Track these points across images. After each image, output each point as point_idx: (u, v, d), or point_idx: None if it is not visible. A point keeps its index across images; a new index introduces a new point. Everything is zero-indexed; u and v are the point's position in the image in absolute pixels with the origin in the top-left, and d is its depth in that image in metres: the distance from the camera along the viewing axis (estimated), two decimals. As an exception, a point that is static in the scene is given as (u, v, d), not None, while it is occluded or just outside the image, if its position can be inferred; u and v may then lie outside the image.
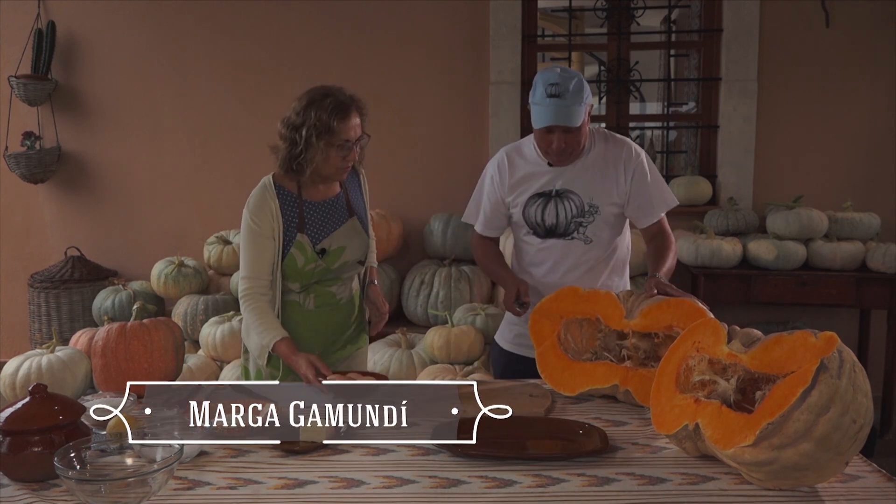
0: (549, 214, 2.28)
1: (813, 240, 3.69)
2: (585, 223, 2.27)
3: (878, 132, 3.97)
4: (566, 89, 2.11)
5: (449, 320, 3.57)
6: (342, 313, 2.30)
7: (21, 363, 3.38)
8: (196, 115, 4.26)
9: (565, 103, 2.11)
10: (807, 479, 1.37)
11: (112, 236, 4.41)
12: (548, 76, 2.16)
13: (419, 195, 4.22)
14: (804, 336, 1.43)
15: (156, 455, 1.44)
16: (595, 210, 2.26)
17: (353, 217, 2.25)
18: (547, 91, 2.13)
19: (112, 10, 4.26)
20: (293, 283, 2.21)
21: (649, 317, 1.92)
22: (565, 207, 2.27)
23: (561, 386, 1.95)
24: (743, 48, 3.96)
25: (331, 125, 2.05)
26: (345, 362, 2.34)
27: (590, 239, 2.28)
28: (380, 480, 1.48)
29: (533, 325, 2.07)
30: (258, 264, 2.14)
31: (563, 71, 2.17)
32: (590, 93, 2.19)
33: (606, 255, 2.32)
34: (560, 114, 2.12)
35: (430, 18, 4.11)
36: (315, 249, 2.16)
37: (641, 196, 2.28)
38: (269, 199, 2.14)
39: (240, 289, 2.16)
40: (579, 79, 2.16)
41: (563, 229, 2.29)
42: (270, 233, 2.14)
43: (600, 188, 2.26)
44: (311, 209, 2.19)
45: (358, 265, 2.30)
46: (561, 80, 2.13)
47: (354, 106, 2.11)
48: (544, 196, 2.29)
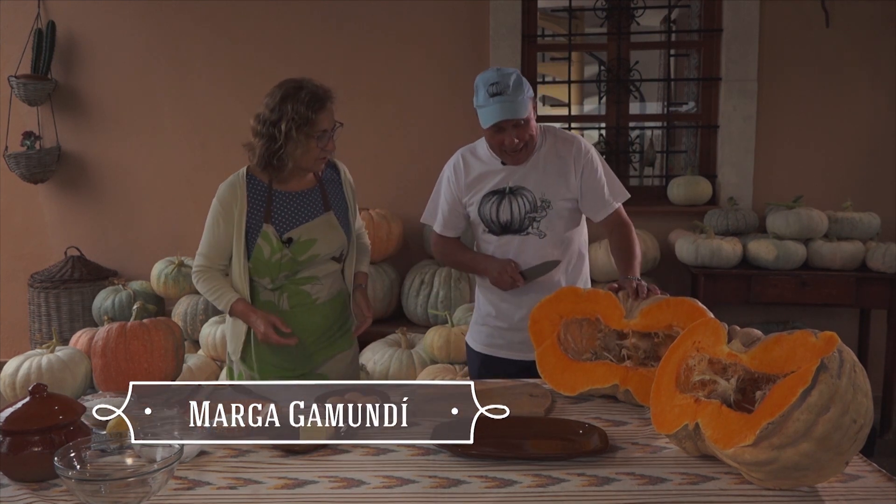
0: (504, 211, 2.33)
1: (813, 240, 3.69)
2: (539, 218, 2.32)
3: (878, 132, 3.97)
4: (507, 86, 2.17)
5: (449, 320, 3.57)
6: (320, 314, 2.30)
7: (21, 363, 3.39)
8: (196, 115, 4.26)
9: (508, 98, 2.17)
10: (807, 479, 1.37)
11: (112, 236, 4.41)
12: (487, 77, 2.21)
13: (419, 195, 4.18)
14: (804, 336, 1.43)
15: (156, 455, 1.44)
16: (547, 205, 2.31)
17: (329, 212, 2.26)
18: (489, 91, 2.18)
19: (112, 10, 4.26)
20: (263, 277, 2.22)
21: (649, 316, 1.92)
22: (518, 204, 2.32)
23: (561, 386, 1.95)
24: (743, 48, 3.96)
25: (309, 116, 2.09)
26: (327, 364, 2.33)
27: (544, 233, 2.33)
28: (380, 480, 1.48)
29: (533, 325, 2.08)
30: (214, 247, 2.22)
31: (500, 70, 2.23)
32: (530, 87, 2.24)
33: (562, 249, 2.36)
34: (505, 109, 2.17)
35: (430, 18, 4.11)
36: (282, 239, 2.17)
37: (592, 190, 2.33)
38: (238, 188, 2.20)
39: (193, 266, 2.25)
40: (517, 74, 2.21)
41: (517, 225, 2.33)
42: (231, 220, 2.18)
43: (552, 183, 2.31)
44: (280, 199, 2.21)
45: (332, 262, 2.29)
46: (500, 77, 2.19)
47: (327, 96, 2.15)
48: (498, 194, 2.34)
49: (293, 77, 2.17)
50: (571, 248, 2.39)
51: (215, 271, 2.24)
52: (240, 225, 2.18)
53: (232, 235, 2.20)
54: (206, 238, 2.24)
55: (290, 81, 2.15)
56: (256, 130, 2.14)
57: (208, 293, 2.22)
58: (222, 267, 2.25)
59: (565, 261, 2.37)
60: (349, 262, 2.37)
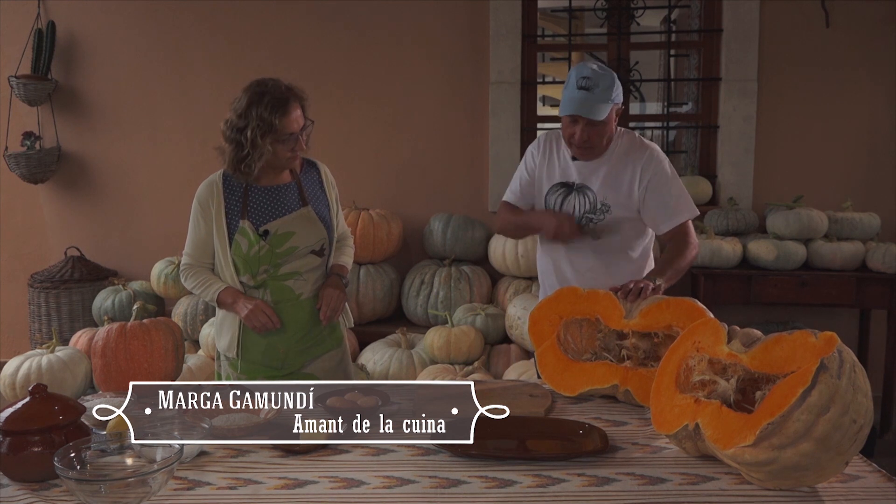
0: (567, 206, 2.33)
1: (813, 240, 3.69)
2: (596, 220, 2.30)
3: (878, 132, 3.97)
4: (596, 84, 2.16)
5: (449, 320, 3.57)
6: (304, 310, 2.29)
7: (21, 363, 3.38)
8: (196, 115, 4.26)
9: (592, 96, 2.16)
10: (807, 479, 1.37)
11: (112, 236, 4.41)
12: (582, 69, 2.20)
13: (419, 195, 4.22)
14: (804, 336, 1.43)
15: (156, 455, 1.44)
16: (606, 209, 2.29)
17: (307, 206, 2.26)
18: (578, 83, 2.18)
19: (112, 10, 4.26)
20: (244, 274, 2.23)
21: (648, 317, 1.92)
22: (580, 201, 2.31)
23: (561, 386, 1.95)
24: (743, 48, 3.96)
25: (273, 123, 2.09)
26: (314, 363, 2.33)
27: (598, 236, 2.31)
28: (380, 480, 1.48)
29: (532, 325, 2.08)
30: (198, 246, 2.26)
31: (599, 69, 2.21)
32: (620, 94, 2.22)
33: (616, 255, 2.32)
34: (584, 105, 2.16)
35: (429, 19, 4.11)
36: (258, 232, 2.18)
37: (655, 202, 2.27)
38: (215, 186, 2.24)
39: (181, 266, 2.30)
40: (612, 78, 2.20)
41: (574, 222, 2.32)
42: (210, 218, 2.22)
43: (614, 189, 2.28)
44: (256, 193, 2.23)
45: (314, 256, 2.28)
46: (593, 74, 2.18)
47: (293, 97, 2.14)
48: (565, 187, 2.34)
49: (261, 78, 2.16)
50: (627, 257, 2.34)
51: (201, 267, 2.28)
52: (219, 222, 2.21)
53: (212, 233, 2.22)
54: (189, 238, 2.28)
55: (255, 85, 2.14)
56: (225, 135, 2.16)
57: (196, 287, 2.26)
58: (208, 265, 2.28)
59: (618, 269, 2.31)
60: (332, 260, 2.37)
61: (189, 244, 2.28)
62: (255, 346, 2.27)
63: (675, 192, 2.29)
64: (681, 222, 2.28)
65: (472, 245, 3.95)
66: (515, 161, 4.10)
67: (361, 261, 3.94)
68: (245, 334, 2.26)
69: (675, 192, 2.29)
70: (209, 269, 2.28)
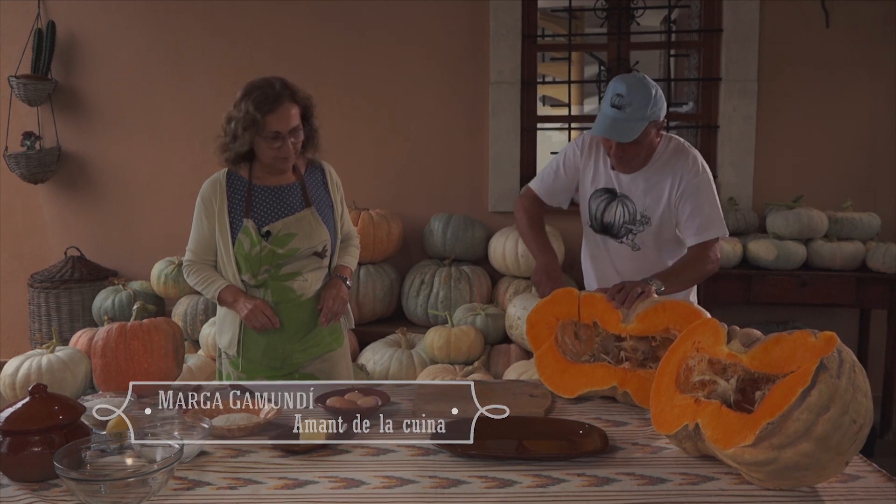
0: (609, 213, 2.31)
1: (813, 240, 3.69)
2: (636, 231, 2.28)
3: (878, 132, 3.97)
4: (629, 103, 2.08)
5: (449, 320, 3.57)
6: (305, 311, 2.29)
7: (21, 363, 3.39)
8: (196, 115, 4.25)
9: (623, 116, 2.08)
10: (807, 479, 1.37)
11: (112, 236, 4.41)
12: (618, 85, 2.12)
13: (419, 195, 4.22)
14: (804, 336, 1.43)
15: (156, 455, 1.44)
16: (646, 221, 2.26)
17: (310, 208, 2.25)
18: (612, 100, 2.10)
19: (112, 10, 4.26)
20: (245, 273, 2.23)
21: (646, 320, 1.92)
22: (621, 211, 2.29)
23: (560, 388, 1.94)
24: (743, 48, 3.96)
25: (256, 118, 2.10)
26: (314, 363, 2.32)
27: (637, 247, 2.30)
28: (380, 480, 1.48)
29: (530, 328, 2.07)
30: (200, 244, 2.27)
31: (638, 83, 2.11)
32: (660, 110, 2.12)
33: (657, 267, 2.24)
34: (614, 128, 2.09)
35: (429, 19, 4.11)
36: (260, 232, 2.19)
37: (684, 211, 2.21)
38: (218, 184, 2.25)
39: (184, 262, 2.31)
40: (647, 95, 2.09)
41: (615, 231, 2.31)
42: (213, 216, 2.22)
43: (654, 199, 2.24)
44: (259, 193, 2.24)
45: (315, 257, 2.28)
46: (628, 92, 2.09)
47: (288, 97, 2.13)
48: (609, 193, 2.30)
49: (268, 76, 2.17)
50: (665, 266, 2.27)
51: (204, 264, 2.29)
52: (222, 220, 2.21)
53: (215, 231, 2.23)
54: (192, 234, 2.29)
55: (254, 81, 2.16)
56: (222, 126, 2.20)
57: (198, 284, 2.27)
58: (210, 262, 2.29)
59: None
60: (335, 261, 2.36)
61: (192, 241, 2.29)
62: (256, 345, 2.27)
63: (709, 206, 2.21)
64: (707, 240, 2.21)
65: (472, 245, 3.95)
66: (515, 161, 4.11)
67: (361, 261, 3.92)
68: (245, 333, 2.26)
69: (709, 206, 2.21)
70: (211, 266, 2.29)
